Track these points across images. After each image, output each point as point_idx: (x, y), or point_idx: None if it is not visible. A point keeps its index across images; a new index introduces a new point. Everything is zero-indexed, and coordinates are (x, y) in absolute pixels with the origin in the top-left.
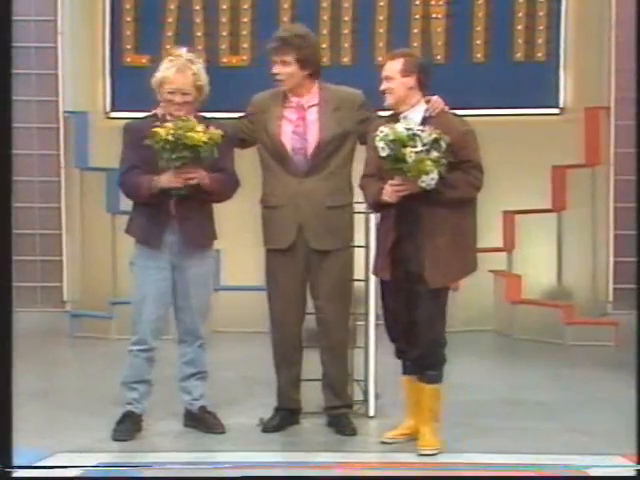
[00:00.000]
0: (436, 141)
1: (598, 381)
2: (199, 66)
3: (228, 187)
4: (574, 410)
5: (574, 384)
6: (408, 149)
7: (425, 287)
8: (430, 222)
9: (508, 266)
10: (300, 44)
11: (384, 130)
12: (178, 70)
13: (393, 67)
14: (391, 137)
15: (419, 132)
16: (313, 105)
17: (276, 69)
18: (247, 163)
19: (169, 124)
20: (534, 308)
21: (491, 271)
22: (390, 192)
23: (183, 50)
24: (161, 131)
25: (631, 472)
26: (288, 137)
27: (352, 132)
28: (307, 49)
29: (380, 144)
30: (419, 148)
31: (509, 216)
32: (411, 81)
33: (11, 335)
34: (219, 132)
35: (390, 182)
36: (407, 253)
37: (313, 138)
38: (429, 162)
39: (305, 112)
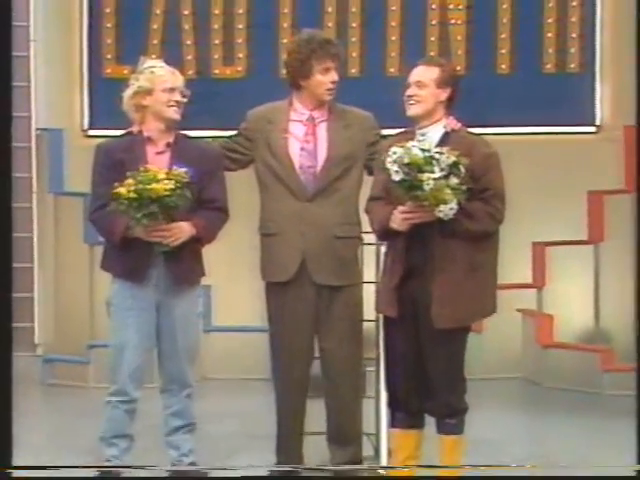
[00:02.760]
0: (455, 165)
1: None
2: None
3: (214, 229)
4: (612, 469)
5: (613, 439)
6: (425, 175)
7: (434, 328)
8: (442, 254)
9: (538, 305)
10: (342, 50)
11: (397, 151)
12: (168, 70)
13: (428, 74)
14: (406, 160)
15: (437, 155)
16: (323, 120)
17: (336, 76)
18: (242, 185)
19: (129, 180)
20: (568, 353)
21: (519, 310)
22: (400, 220)
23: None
24: (122, 190)
25: (631, 472)
26: (296, 154)
27: (361, 155)
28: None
29: (393, 167)
30: (437, 174)
31: (539, 248)
32: (444, 94)
33: (11, 332)
34: (183, 171)
35: (400, 208)
36: (416, 288)
37: (323, 156)
38: (448, 190)
39: (316, 127)
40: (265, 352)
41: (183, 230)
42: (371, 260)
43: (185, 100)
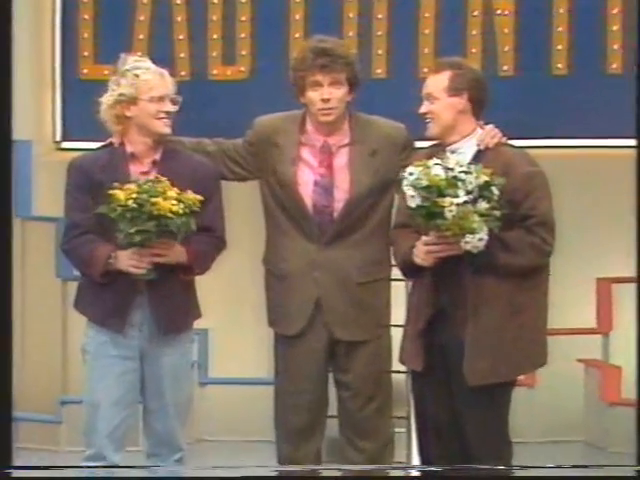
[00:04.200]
0: (486, 186)
1: None
2: None
3: (209, 257)
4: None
5: None
6: (447, 199)
7: (468, 383)
8: (477, 295)
9: (604, 354)
10: (351, 59)
11: (414, 172)
12: (155, 73)
13: (437, 83)
14: (424, 182)
15: (462, 174)
16: (343, 146)
17: (327, 94)
18: (243, 204)
19: (132, 185)
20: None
21: (580, 360)
22: (423, 253)
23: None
24: (120, 194)
25: (631, 472)
26: (308, 189)
27: (392, 181)
28: (357, 65)
29: (409, 191)
30: (462, 198)
31: (604, 285)
32: (461, 102)
33: (11, 330)
34: (196, 198)
35: (424, 239)
36: (445, 335)
37: (343, 192)
38: (476, 217)
39: (332, 156)
40: (271, 409)
41: (175, 253)
42: (400, 299)
43: (176, 109)
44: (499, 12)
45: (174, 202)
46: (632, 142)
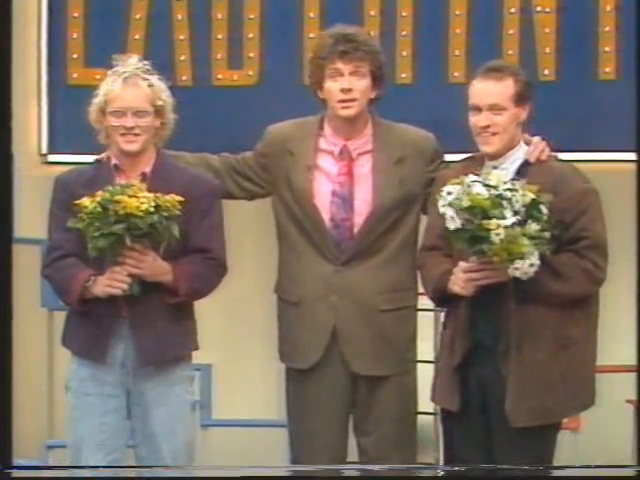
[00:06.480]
0: (534, 205)
1: None
2: (158, 81)
3: (201, 283)
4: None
5: None
6: (493, 221)
7: (511, 426)
8: (520, 327)
9: None
10: (375, 48)
11: (453, 191)
12: (126, 82)
13: (503, 91)
14: (465, 203)
15: (508, 193)
16: (365, 152)
17: (347, 83)
18: (250, 223)
19: (101, 191)
20: None
21: (630, 402)
22: (462, 281)
23: (133, 60)
24: (86, 202)
25: (631, 472)
26: (326, 200)
27: (419, 196)
28: (381, 56)
29: (448, 211)
30: (510, 220)
31: None
32: (524, 113)
33: (11, 331)
34: (175, 199)
35: (463, 266)
36: (484, 372)
37: (364, 204)
38: (526, 240)
39: (353, 163)
40: (283, 454)
41: (156, 266)
42: (428, 331)
43: (145, 123)
44: (539, 9)
45: (143, 200)
46: None
